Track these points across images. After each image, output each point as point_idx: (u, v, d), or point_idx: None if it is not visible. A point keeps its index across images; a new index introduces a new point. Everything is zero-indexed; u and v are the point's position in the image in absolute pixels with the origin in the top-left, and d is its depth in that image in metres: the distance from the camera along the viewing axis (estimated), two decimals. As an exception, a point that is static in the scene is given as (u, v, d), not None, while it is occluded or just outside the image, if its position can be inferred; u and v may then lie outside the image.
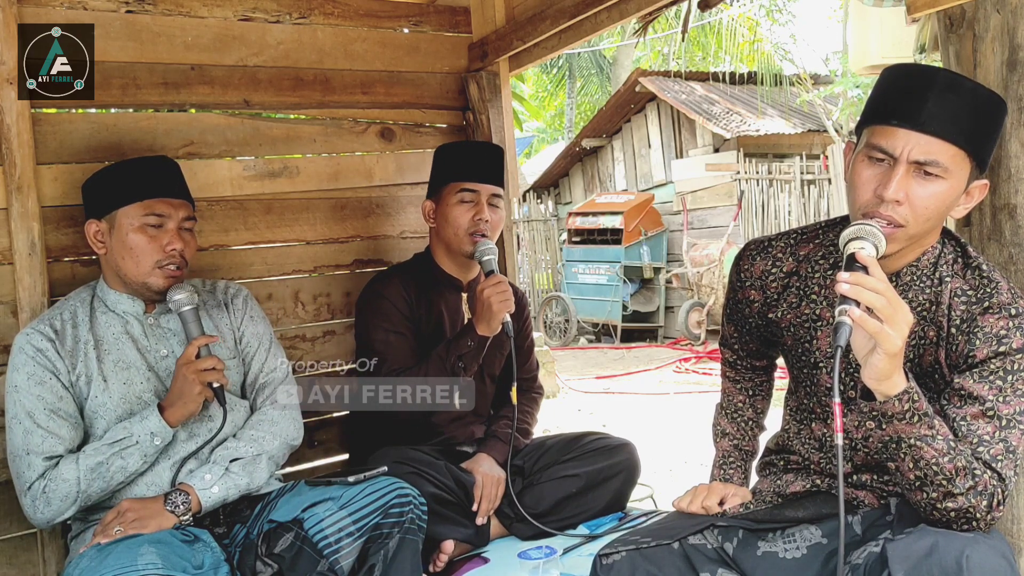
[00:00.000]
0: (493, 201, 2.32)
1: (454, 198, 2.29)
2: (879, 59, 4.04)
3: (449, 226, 2.30)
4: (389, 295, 2.28)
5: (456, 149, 2.43)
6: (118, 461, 1.73)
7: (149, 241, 1.81)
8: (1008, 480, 1.27)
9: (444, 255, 2.37)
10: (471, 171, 2.31)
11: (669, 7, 2.57)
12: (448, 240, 2.32)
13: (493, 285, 2.15)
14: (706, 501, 1.56)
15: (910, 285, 1.41)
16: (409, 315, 2.29)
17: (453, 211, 2.29)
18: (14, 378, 1.76)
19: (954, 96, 1.29)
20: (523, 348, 2.53)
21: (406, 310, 2.28)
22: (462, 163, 2.33)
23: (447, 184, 2.31)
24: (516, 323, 2.46)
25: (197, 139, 2.40)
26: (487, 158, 2.36)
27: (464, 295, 2.38)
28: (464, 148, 2.45)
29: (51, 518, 1.73)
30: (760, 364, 1.75)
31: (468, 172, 2.31)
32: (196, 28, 2.38)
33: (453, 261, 2.37)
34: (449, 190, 2.31)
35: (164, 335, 1.90)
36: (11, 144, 2.05)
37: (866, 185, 1.34)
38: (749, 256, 1.60)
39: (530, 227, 12.21)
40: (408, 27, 2.78)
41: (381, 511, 1.68)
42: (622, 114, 11.78)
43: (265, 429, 1.90)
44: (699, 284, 9.42)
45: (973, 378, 1.31)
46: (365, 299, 2.34)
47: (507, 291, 2.16)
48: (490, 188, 2.31)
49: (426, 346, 2.27)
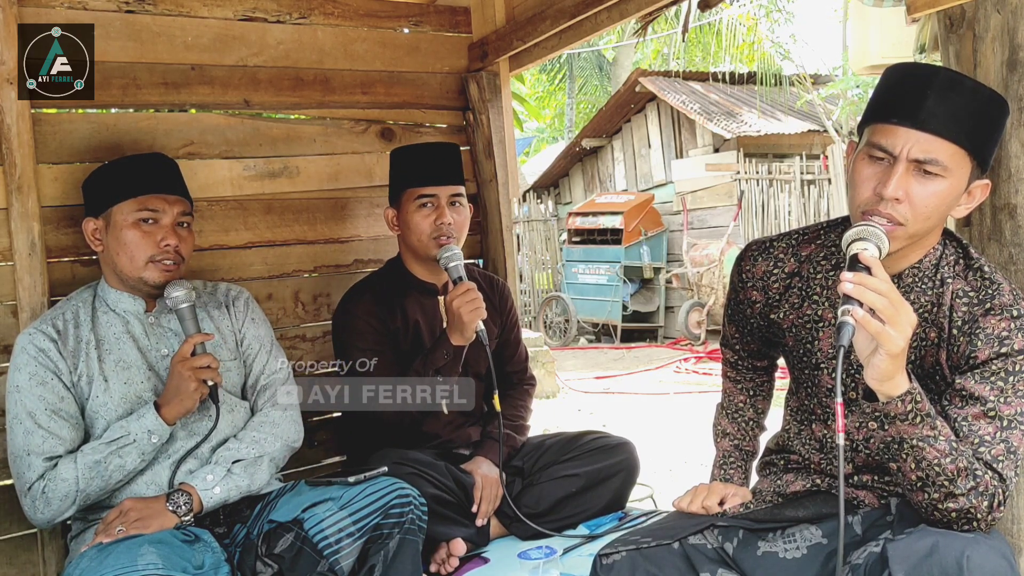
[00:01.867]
0: (454, 200, 2.26)
1: (413, 204, 2.24)
2: (879, 59, 4.04)
3: (412, 233, 2.25)
4: (362, 313, 2.24)
5: (409, 153, 2.33)
6: (116, 460, 1.73)
7: (143, 236, 1.82)
8: (1009, 481, 1.27)
9: (414, 261, 2.32)
10: (426, 174, 2.24)
11: (669, 7, 2.57)
12: (414, 247, 2.27)
13: (461, 295, 2.08)
14: (706, 501, 1.56)
15: (912, 287, 1.41)
16: (384, 330, 2.24)
17: (414, 218, 2.23)
18: (16, 378, 1.76)
19: (955, 95, 1.29)
20: (509, 341, 2.49)
21: (380, 326, 2.24)
22: (416, 167, 2.26)
23: (404, 190, 2.26)
24: (499, 317, 2.44)
25: (197, 139, 2.40)
26: (441, 158, 2.29)
27: (441, 298, 2.30)
28: (416, 151, 2.33)
29: (51, 518, 1.73)
30: (761, 364, 1.75)
31: (423, 176, 2.24)
32: (196, 28, 2.38)
33: (424, 266, 2.31)
34: (407, 196, 2.25)
35: (164, 334, 1.90)
36: (11, 144, 2.05)
37: (866, 183, 1.34)
38: (751, 257, 1.60)
39: (530, 227, 12.20)
40: (408, 27, 2.78)
41: (381, 511, 1.68)
42: (622, 114, 11.78)
43: (267, 431, 1.90)
44: (699, 284, 9.42)
45: (974, 379, 1.31)
46: (339, 319, 2.30)
47: (476, 299, 2.09)
48: (449, 189, 2.25)
49: (405, 357, 2.23)
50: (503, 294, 2.49)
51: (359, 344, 2.21)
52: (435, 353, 2.15)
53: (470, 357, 2.23)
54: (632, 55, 16.05)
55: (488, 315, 2.34)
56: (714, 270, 9.17)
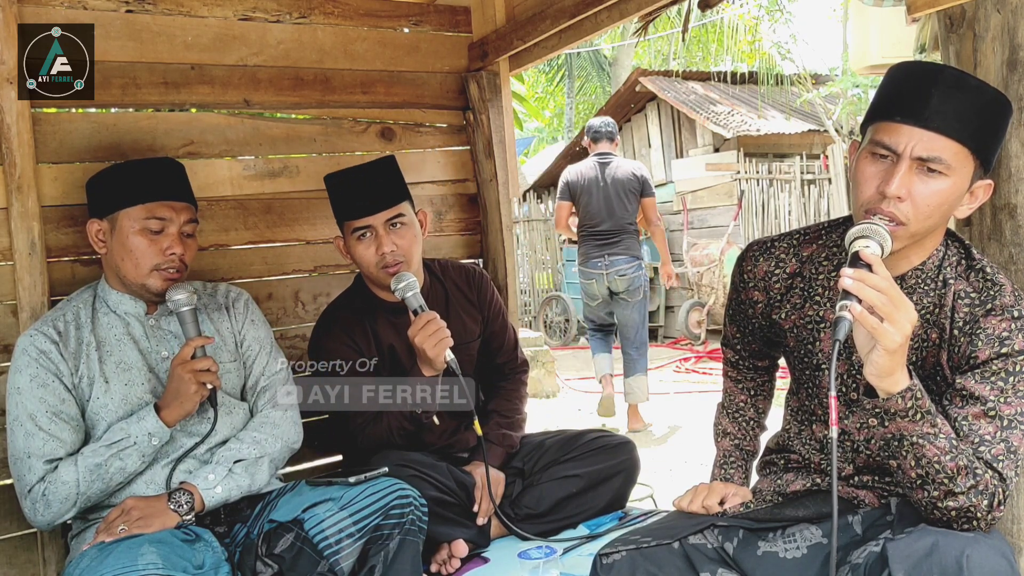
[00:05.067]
0: (394, 223, 2.13)
1: (352, 237, 2.15)
2: (879, 59, 4.04)
3: (361, 265, 2.18)
4: (334, 349, 2.18)
5: (337, 182, 2.18)
6: (116, 462, 1.73)
7: (149, 244, 1.81)
8: (1009, 480, 1.27)
9: (375, 286, 2.24)
10: (356, 205, 2.12)
11: (669, 7, 2.57)
12: (368, 276, 2.21)
13: (422, 328, 1.99)
14: (706, 500, 1.55)
15: (915, 288, 1.41)
16: (360, 360, 2.19)
17: (356, 250, 2.15)
18: (17, 380, 1.76)
19: (959, 93, 1.29)
20: (495, 332, 2.41)
21: (354, 356, 2.18)
22: (346, 198, 2.15)
23: (342, 223, 2.18)
24: (480, 310, 2.36)
25: (197, 139, 2.40)
26: (370, 182, 2.14)
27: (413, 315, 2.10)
28: (344, 179, 2.17)
29: (51, 520, 1.73)
30: (762, 364, 1.75)
31: (353, 207, 2.13)
32: (196, 28, 2.38)
33: (386, 290, 2.18)
34: (346, 229, 2.16)
35: (165, 337, 1.90)
36: (11, 144, 2.05)
37: (869, 181, 1.34)
38: (752, 257, 1.59)
39: (530, 227, 12.19)
40: (408, 27, 2.78)
41: (382, 512, 1.68)
42: (622, 114, 11.77)
43: (267, 431, 1.91)
44: (699, 284, 9.41)
45: (975, 378, 1.31)
46: (313, 352, 2.24)
47: (439, 330, 1.99)
48: (383, 215, 2.11)
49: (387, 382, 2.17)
50: (481, 285, 2.39)
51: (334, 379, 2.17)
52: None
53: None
54: (631, 55, 16.04)
55: (467, 312, 2.33)
56: (714, 270, 9.17)
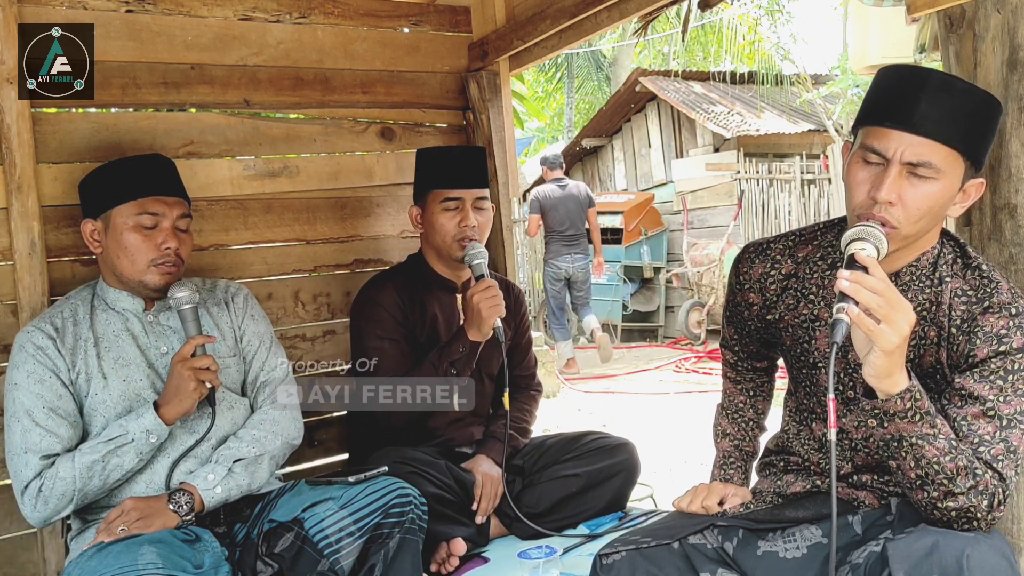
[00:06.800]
0: (478, 204, 2.29)
1: (438, 206, 2.27)
2: (879, 59, 4.05)
3: (436, 233, 2.28)
4: (382, 301, 2.27)
5: (436, 155, 2.37)
6: (114, 459, 1.73)
7: (144, 240, 1.82)
8: (1009, 480, 1.27)
9: (435, 258, 2.35)
10: (453, 178, 2.27)
11: (669, 7, 2.57)
12: (437, 246, 2.30)
13: (482, 291, 2.11)
14: (706, 501, 1.56)
15: (909, 285, 1.41)
16: (403, 320, 2.27)
17: (439, 219, 2.27)
18: (14, 376, 1.76)
19: (947, 97, 1.29)
20: (520, 346, 2.52)
21: (400, 316, 2.27)
22: (443, 170, 2.29)
23: (430, 191, 2.29)
24: (512, 321, 2.46)
25: (197, 139, 2.39)
26: (468, 162, 2.32)
27: (459, 296, 2.37)
28: (444, 154, 2.38)
29: (48, 517, 1.73)
30: (761, 365, 1.75)
31: (450, 179, 2.27)
32: (196, 28, 2.38)
33: (445, 264, 2.34)
34: (433, 197, 2.28)
35: (164, 332, 1.90)
36: (11, 144, 2.05)
37: (860, 187, 1.35)
38: (748, 259, 1.60)
39: (530, 227, 12.18)
40: (408, 27, 2.78)
41: (382, 511, 1.68)
42: (622, 114, 11.77)
43: (267, 429, 1.91)
44: (699, 284, 9.41)
45: (974, 378, 1.32)
46: (359, 305, 2.32)
47: (497, 296, 2.12)
48: (474, 192, 2.28)
49: (422, 350, 2.26)
50: (517, 299, 2.52)
51: (376, 331, 2.24)
52: (451, 347, 2.18)
53: (483, 356, 2.26)
54: (631, 55, 16.03)
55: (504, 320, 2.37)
56: (714, 270, 9.17)
